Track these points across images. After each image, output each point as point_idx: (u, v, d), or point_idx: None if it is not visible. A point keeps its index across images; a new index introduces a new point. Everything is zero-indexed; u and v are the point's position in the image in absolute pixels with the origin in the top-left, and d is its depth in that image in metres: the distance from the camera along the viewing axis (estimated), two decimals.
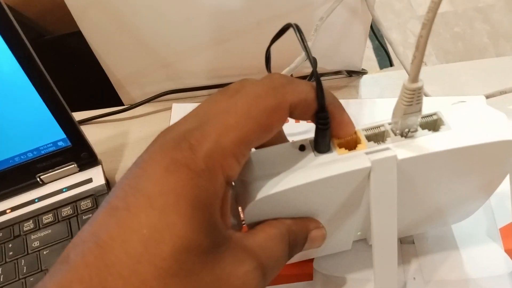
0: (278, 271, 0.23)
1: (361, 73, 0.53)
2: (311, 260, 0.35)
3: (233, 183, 0.25)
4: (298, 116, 0.23)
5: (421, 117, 0.25)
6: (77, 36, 0.49)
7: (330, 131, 0.23)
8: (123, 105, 0.53)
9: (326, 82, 0.52)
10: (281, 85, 0.22)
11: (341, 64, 0.51)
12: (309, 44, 0.37)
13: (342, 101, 0.24)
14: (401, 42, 1.52)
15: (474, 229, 0.36)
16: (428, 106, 0.27)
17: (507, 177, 0.29)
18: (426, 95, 0.47)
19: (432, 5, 0.19)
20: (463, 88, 0.51)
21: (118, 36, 0.45)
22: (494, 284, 0.33)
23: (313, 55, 0.42)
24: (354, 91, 0.52)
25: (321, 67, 0.50)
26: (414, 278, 0.34)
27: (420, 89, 0.22)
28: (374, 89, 0.53)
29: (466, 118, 0.25)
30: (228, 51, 0.47)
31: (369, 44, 1.44)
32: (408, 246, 0.35)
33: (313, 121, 0.24)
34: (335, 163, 0.23)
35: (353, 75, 0.53)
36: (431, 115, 0.25)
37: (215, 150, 0.20)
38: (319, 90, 0.22)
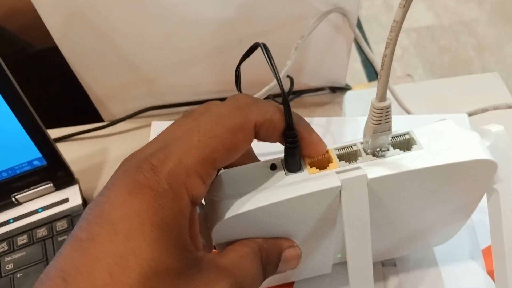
0: None
1: (345, 89, 0.52)
2: (292, 285, 0.34)
3: (203, 202, 0.25)
4: (264, 137, 0.23)
5: (394, 137, 0.25)
6: (59, 50, 0.48)
7: (300, 150, 0.23)
8: (104, 121, 0.52)
9: (309, 97, 0.52)
10: (245, 105, 0.22)
11: (325, 81, 0.51)
12: (289, 62, 0.37)
13: (324, 119, 0.24)
14: None
15: (457, 250, 0.35)
16: (411, 124, 0.26)
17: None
18: (408, 113, 0.47)
19: (394, 25, 0.18)
20: (448, 105, 0.51)
21: (97, 53, 0.45)
22: None
23: (294, 72, 0.42)
24: (337, 107, 0.52)
25: (305, 83, 0.50)
26: None
27: (388, 107, 0.22)
28: (358, 105, 0.52)
29: (439, 137, 0.25)
30: (209, 68, 0.47)
31: (357, 57, 1.45)
32: (390, 268, 0.35)
33: (281, 142, 0.24)
34: (305, 182, 0.23)
35: (336, 91, 0.52)
36: (403, 135, 0.25)
37: (177, 170, 0.20)
38: (286, 109, 0.22)
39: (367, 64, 1.42)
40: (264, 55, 0.22)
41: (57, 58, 0.63)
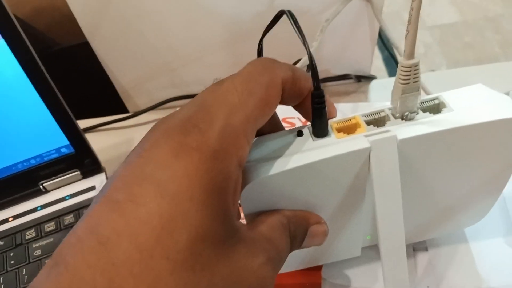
0: (282, 265, 0.22)
1: (370, 78, 0.52)
2: (320, 268, 0.34)
3: None
4: (288, 95, 0.23)
5: (423, 102, 0.24)
6: (84, 47, 0.49)
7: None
8: (129, 113, 0.53)
9: (334, 87, 0.51)
10: (271, 63, 0.22)
11: (349, 69, 0.50)
12: (315, 44, 0.37)
13: (351, 105, 0.24)
14: None
15: (491, 235, 0.34)
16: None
17: None
18: None
19: None
20: None
21: (123, 42, 0.45)
22: None
23: (318, 58, 0.41)
24: (363, 97, 0.51)
25: (329, 70, 0.49)
26: (428, 286, 0.32)
27: (416, 65, 0.22)
28: (383, 94, 0.51)
29: (470, 100, 0.24)
30: (234, 56, 0.46)
31: (379, 54, 1.43)
32: (421, 253, 0.34)
33: (299, 107, 0.24)
34: (333, 146, 0.23)
35: (362, 80, 0.52)
36: (432, 100, 0.24)
37: (226, 130, 0.19)
38: (313, 69, 0.22)
39: (389, 61, 1.40)
40: (291, 23, 0.21)
41: (82, 55, 0.64)
